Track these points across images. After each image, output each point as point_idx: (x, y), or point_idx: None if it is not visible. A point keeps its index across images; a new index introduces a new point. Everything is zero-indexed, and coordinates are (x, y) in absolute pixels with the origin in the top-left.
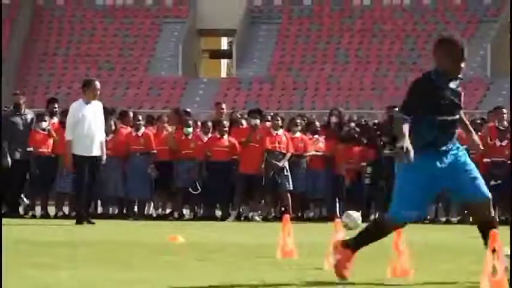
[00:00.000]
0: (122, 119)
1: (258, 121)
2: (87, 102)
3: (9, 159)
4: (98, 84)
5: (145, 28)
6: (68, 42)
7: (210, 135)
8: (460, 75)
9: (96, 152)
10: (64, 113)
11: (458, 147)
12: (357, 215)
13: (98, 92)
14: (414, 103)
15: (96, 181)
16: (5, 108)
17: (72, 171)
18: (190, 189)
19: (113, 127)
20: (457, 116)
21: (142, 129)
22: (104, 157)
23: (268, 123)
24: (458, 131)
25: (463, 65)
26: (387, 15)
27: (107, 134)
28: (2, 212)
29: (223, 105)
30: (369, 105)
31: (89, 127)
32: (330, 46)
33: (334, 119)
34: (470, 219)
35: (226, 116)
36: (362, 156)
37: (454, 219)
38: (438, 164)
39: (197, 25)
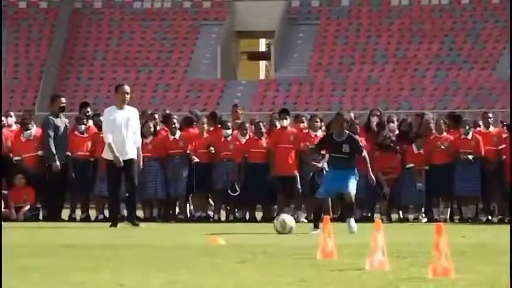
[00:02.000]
0: (166, 121)
1: (287, 121)
2: (119, 108)
3: (58, 163)
4: (126, 88)
5: (184, 31)
6: (107, 46)
7: (247, 136)
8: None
9: (128, 155)
10: (97, 116)
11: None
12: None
13: (127, 97)
14: None
15: (136, 184)
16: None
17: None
18: (229, 191)
19: (152, 129)
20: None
21: (178, 132)
22: (141, 162)
23: (302, 125)
24: None
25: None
26: (425, 15)
27: (146, 137)
28: (43, 216)
29: (239, 108)
30: (408, 105)
31: (120, 132)
32: (368, 46)
33: (375, 120)
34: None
35: (263, 117)
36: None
37: (494, 219)
38: None
39: (235, 27)
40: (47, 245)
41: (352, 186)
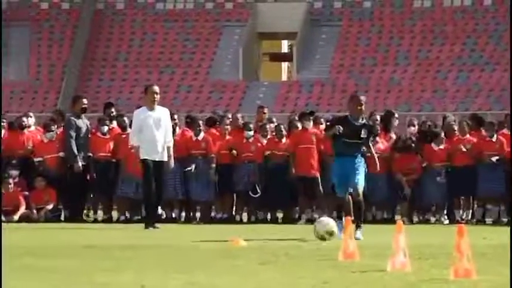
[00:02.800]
0: (190, 123)
1: (311, 123)
2: (150, 108)
3: (80, 164)
4: (155, 88)
5: (206, 32)
6: (129, 47)
7: (268, 137)
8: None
9: (160, 157)
10: (121, 116)
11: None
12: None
13: (156, 97)
14: None
15: (162, 186)
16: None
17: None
18: (250, 193)
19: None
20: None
21: (202, 134)
22: (172, 162)
23: (321, 126)
24: None
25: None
26: (448, 16)
27: None
28: (65, 217)
29: (266, 109)
30: (429, 107)
31: (152, 133)
32: (390, 48)
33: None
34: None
35: (283, 119)
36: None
37: None
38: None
39: (257, 28)
40: (68, 246)
41: (361, 183)
